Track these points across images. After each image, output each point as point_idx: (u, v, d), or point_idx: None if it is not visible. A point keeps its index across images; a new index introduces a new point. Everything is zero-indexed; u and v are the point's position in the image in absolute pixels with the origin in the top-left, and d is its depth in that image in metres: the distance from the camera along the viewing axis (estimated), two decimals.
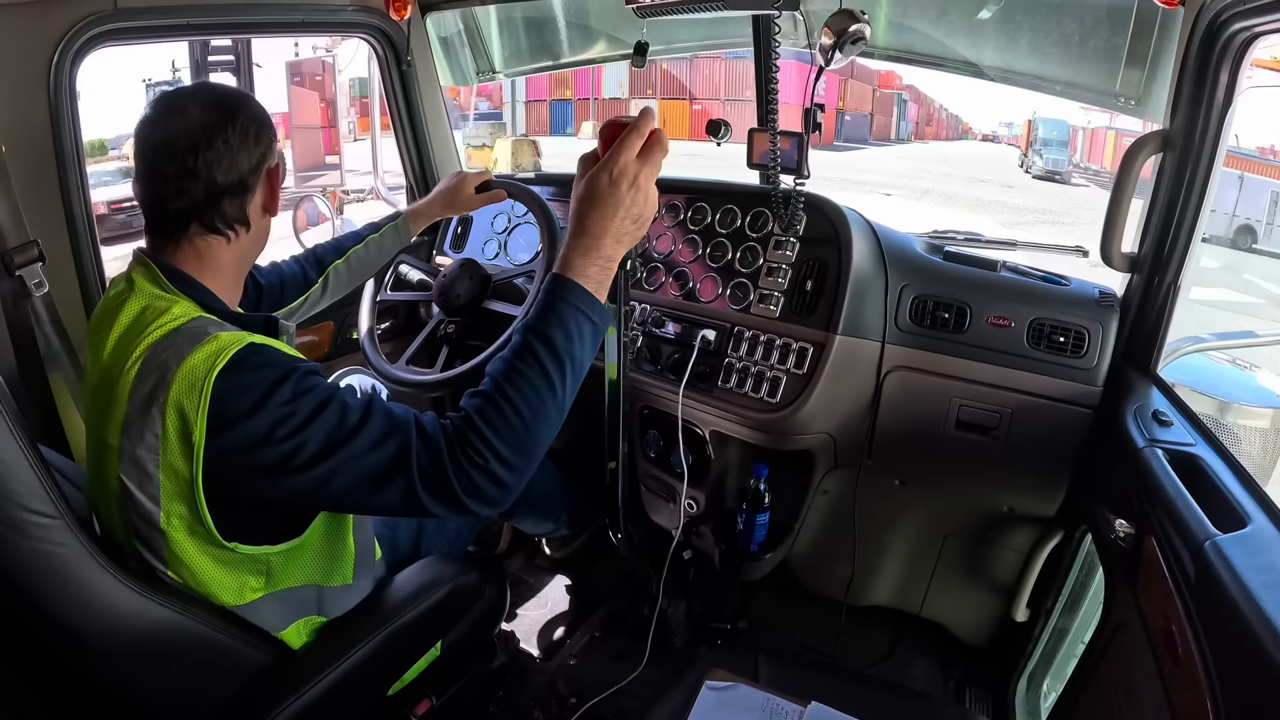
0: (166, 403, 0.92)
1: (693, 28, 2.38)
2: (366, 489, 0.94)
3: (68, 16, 1.50)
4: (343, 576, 1.19)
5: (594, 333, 0.98)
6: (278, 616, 1.12)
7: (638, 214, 0.97)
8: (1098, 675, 1.35)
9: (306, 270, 1.63)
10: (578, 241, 0.97)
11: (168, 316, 0.98)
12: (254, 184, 1.07)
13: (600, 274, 0.98)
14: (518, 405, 0.93)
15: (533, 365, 0.94)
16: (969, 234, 1.91)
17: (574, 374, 0.97)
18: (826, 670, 1.52)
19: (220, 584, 1.04)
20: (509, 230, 2.17)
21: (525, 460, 0.96)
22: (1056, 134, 22.11)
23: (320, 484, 0.93)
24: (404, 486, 0.93)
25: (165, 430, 0.92)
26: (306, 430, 0.92)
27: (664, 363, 1.75)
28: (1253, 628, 0.81)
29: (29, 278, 1.45)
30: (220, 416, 0.91)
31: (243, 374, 0.92)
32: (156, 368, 0.94)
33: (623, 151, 0.95)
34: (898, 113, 34.49)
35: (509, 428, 0.93)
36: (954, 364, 1.58)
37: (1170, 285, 1.42)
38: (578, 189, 0.98)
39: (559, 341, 0.95)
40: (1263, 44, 1.23)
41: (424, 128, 2.37)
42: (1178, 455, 1.20)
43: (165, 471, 0.94)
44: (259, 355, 0.94)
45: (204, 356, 0.92)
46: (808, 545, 1.92)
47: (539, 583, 2.22)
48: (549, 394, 0.95)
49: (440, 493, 0.93)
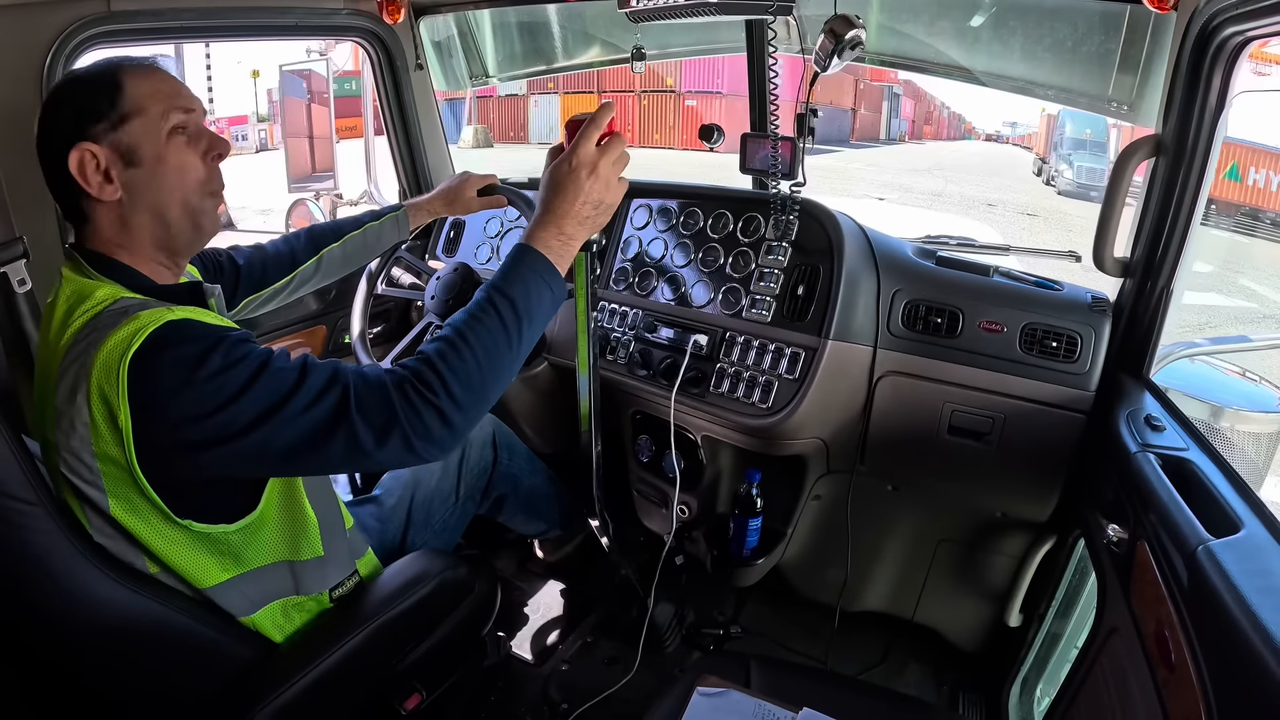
0: (90, 390, 0.91)
1: (686, 32, 2.38)
2: (309, 446, 0.94)
3: (62, 18, 1.50)
4: (311, 548, 1.17)
5: (551, 298, 1.08)
6: (248, 600, 1.11)
7: (597, 199, 1.09)
8: (1091, 680, 1.34)
9: (295, 251, 1.60)
10: (541, 219, 1.08)
11: (90, 303, 0.98)
12: (79, 143, 1.01)
13: (561, 249, 1.08)
14: (475, 349, 1.00)
15: (493, 316, 1.02)
16: (962, 239, 1.91)
17: (530, 331, 1.05)
18: (819, 676, 1.52)
19: (186, 568, 1.03)
20: (501, 235, 2.17)
21: (475, 403, 1.00)
22: (1092, 133, 15.71)
23: (259, 449, 0.93)
24: (347, 436, 0.94)
25: (93, 418, 0.92)
26: (240, 399, 0.92)
27: (656, 368, 1.75)
28: (1245, 633, 0.81)
29: (13, 274, 1.45)
30: (142, 400, 0.90)
31: (162, 352, 0.91)
32: (77, 357, 0.93)
33: (582, 143, 1.08)
34: (888, 109, 31.07)
35: (464, 368, 0.99)
36: (946, 369, 1.58)
37: (1163, 290, 1.42)
38: (544, 176, 1.10)
39: (518, 300, 1.03)
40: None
41: (418, 131, 2.37)
42: (1170, 460, 1.19)
43: (102, 460, 0.94)
44: (179, 331, 0.94)
45: (119, 340, 0.91)
46: (800, 550, 1.91)
47: (531, 588, 2.21)
48: (505, 345, 1.02)
49: (384, 434, 0.95)
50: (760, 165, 1.62)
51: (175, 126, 1.05)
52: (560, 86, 22.20)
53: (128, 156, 1.03)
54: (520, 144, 22.49)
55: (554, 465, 1.97)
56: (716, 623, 2.07)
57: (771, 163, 1.58)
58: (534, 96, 22.80)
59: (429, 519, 1.58)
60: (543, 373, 1.97)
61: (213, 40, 1.95)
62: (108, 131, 1.02)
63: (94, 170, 1.01)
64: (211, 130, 1.11)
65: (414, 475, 1.60)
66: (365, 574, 1.32)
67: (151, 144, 1.04)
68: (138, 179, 1.04)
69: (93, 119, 1.02)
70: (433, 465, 1.62)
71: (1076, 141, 16.05)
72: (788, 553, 1.86)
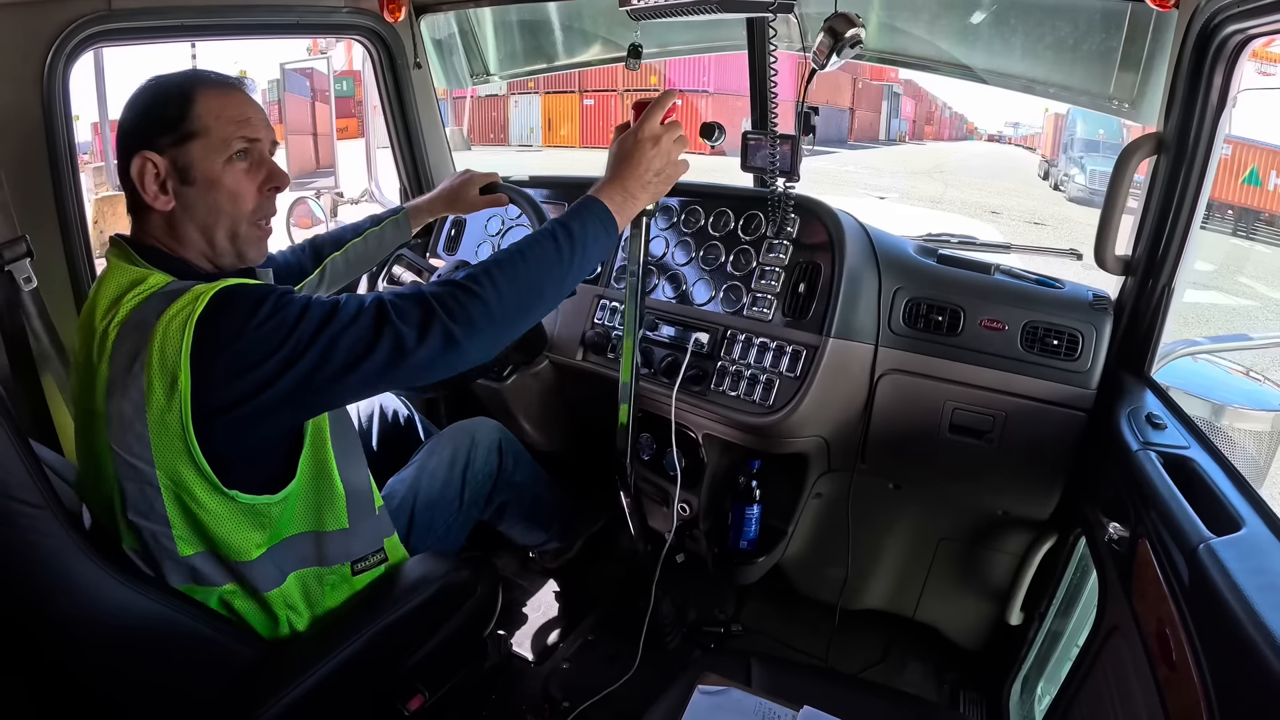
0: (149, 356, 0.95)
1: (687, 30, 2.38)
2: (358, 357, 1.00)
3: (62, 16, 1.51)
4: (337, 520, 1.19)
5: (606, 239, 1.20)
6: (278, 570, 1.14)
7: (659, 168, 1.24)
8: (1092, 679, 1.34)
9: (303, 261, 1.64)
10: (607, 181, 1.23)
11: (145, 285, 1.02)
12: (142, 151, 1.06)
13: (623, 203, 1.22)
14: (528, 257, 1.11)
15: (549, 238, 1.14)
16: (963, 237, 1.91)
17: (582, 259, 1.16)
18: (820, 674, 1.52)
19: (230, 541, 1.06)
20: (502, 233, 2.17)
21: (521, 304, 1.10)
22: (1105, 133, 14.28)
23: (312, 371, 0.98)
24: (391, 337, 1.00)
25: (150, 384, 0.95)
26: (293, 332, 0.98)
27: (657, 366, 1.75)
28: (1247, 631, 0.81)
29: (18, 273, 1.45)
30: (204, 359, 0.95)
31: (220, 313, 0.97)
32: (136, 326, 0.97)
33: (649, 119, 1.24)
34: (888, 108, 30.79)
35: (514, 270, 1.09)
36: (948, 367, 1.58)
37: (1164, 288, 1.42)
38: (611, 148, 1.27)
39: (575, 229, 1.15)
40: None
41: (419, 130, 2.37)
42: (1171, 458, 1.19)
43: (155, 428, 0.97)
44: (234, 293, 0.99)
45: (181, 307, 0.96)
46: (801, 549, 1.91)
47: (532, 586, 2.21)
48: (556, 261, 1.13)
49: (424, 328, 1.02)
50: (761, 163, 1.62)
51: (237, 152, 1.10)
52: (541, 86, 21.93)
53: (184, 173, 1.07)
54: (500, 146, 21.97)
55: (556, 471, 1.97)
56: (717, 621, 2.08)
57: (772, 161, 1.58)
58: (514, 96, 22.48)
59: (432, 524, 1.57)
60: (544, 370, 1.97)
61: (214, 39, 1.94)
62: (170, 145, 1.06)
63: (152, 179, 1.06)
64: (274, 162, 1.15)
65: (416, 479, 1.59)
66: (393, 559, 1.32)
67: (209, 166, 1.08)
68: (191, 196, 1.09)
69: (159, 129, 1.06)
70: (435, 469, 1.61)
71: (1088, 143, 14.84)
72: (789, 551, 1.86)
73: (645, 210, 1.31)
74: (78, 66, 1.57)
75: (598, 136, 20.81)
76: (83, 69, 1.58)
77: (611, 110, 21.19)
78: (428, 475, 1.60)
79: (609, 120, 20.73)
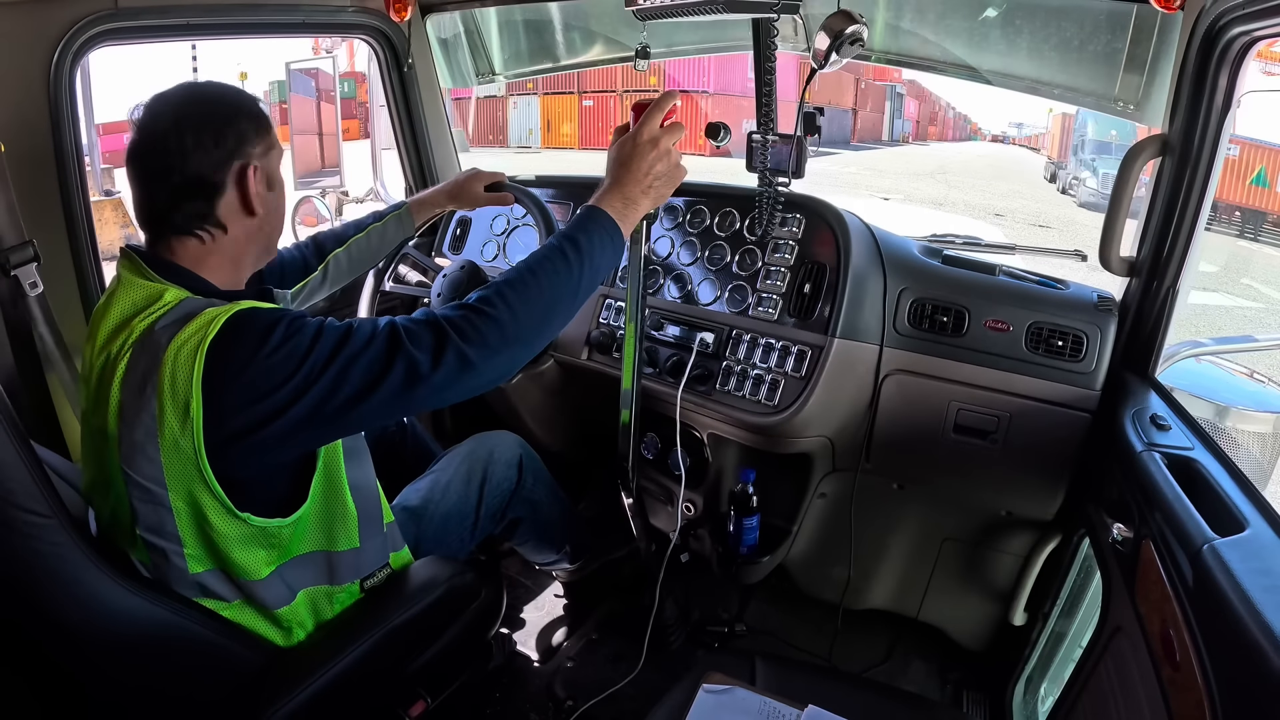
0: (160, 380, 0.94)
1: (693, 30, 2.38)
2: (372, 383, 0.99)
3: (68, 15, 1.51)
4: (349, 539, 1.19)
5: (613, 249, 1.16)
6: (287, 589, 1.14)
7: (661, 171, 1.19)
8: (1095, 679, 1.34)
9: (307, 257, 1.62)
10: (608, 187, 1.19)
11: (160, 303, 1.01)
12: (221, 184, 1.07)
13: (624, 210, 1.17)
14: (539, 276, 1.08)
15: (557, 253, 1.10)
16: (968, 237, 1.91)
17: (590, 271, 1.13)
18: (823, 674, 1.52)
19: (239, 561, 1.05)
20: (508, 232, 2.17)
21: (535, 324, 1.08)
22: (1117, 134, 13.30)
23: (325, 398, 0.97)
24: (405, 363, 0.99)
25: (162, 409, 0.95)
26: (306, 359, 0.97)
27: (662, 365, 1.75)
28: (1251, 632, 0.81)
29: (24, 278, 1.45)
30: (215, 386, 0.94)
31: (232, 339, 0.96)
32: (148, 349, 0.97)
33: (648, 121, 1.19)
34: (891, 109, 30.61)
35: (525, 291, 1.07)
36: (952, 368, 1.58)
37: (1169, 289, 1.42)
38: (610, 151, 1.22)
39: (581, 241, 1.12)
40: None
41: (424, 129, 2.37)
42: (1176, 459, 1.19)
43: (168, 453, 0.96)
44: (246, 318, 0.99)
45: (193, 332, 0.95)
46: (805, 548, 1.91)
47: (536, 585, 2.21)
48: (566, 276, 1.10)
49: (438, 353, 1.00)
50: (766, 163, 1.62)
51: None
52: (539, 87, 21.90)
53: (270, 179, 1.13)
54: (498, 148, 21.80)
55: (561, 471, 1.95)
56: (722, 620, 2.08)
57: (776, 160, 1.58)
58: (513, 98, 22.44)
59: (444, 536, 1.54)
60: (549, 370, 1.98)
61: (220, 38, 1.94)
62: (261, 154, 1.10)
63: (263, 187, 1.11)
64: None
65: (431, 491, 1.57)
66: (396, 566, 1.32)
67: (278, 173, 1.16)
68: (272, 202, 1.14)
69: (252, 138, 1.09)
70: (451, 483, 1.59)
71: (1100, 145, 14.17)
72: (793, 551, 1.86)
73: (646, 215, 1.27)
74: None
75: (597, 138, 20.76)
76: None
77: (611, 111, 21.21)
78: (442, 489, 1.58)
79: (608, 121, 20.85)
